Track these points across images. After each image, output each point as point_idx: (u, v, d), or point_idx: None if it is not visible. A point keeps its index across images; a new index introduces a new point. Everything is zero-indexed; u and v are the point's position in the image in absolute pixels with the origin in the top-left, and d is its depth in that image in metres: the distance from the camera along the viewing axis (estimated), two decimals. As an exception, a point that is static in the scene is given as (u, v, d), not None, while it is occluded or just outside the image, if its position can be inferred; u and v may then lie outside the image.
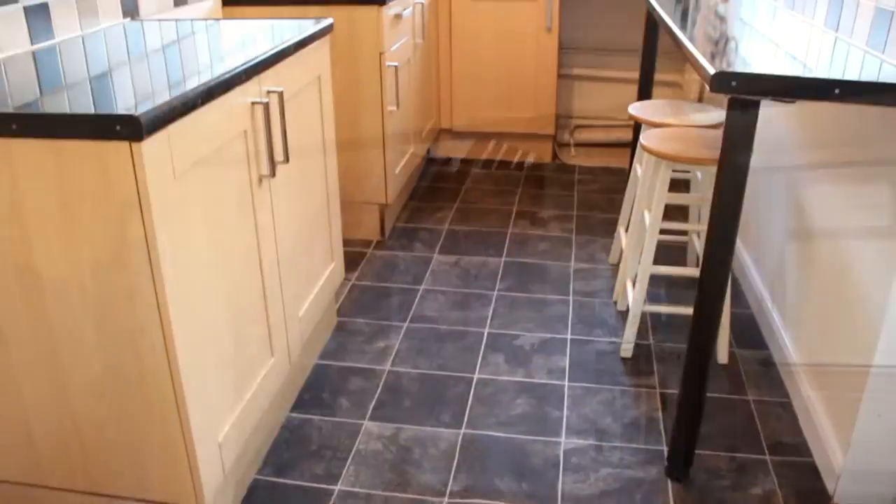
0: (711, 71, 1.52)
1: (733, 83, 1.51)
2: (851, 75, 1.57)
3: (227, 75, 1.56)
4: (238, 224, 1.70)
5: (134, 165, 1.29)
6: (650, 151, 2.24)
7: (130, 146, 1.28)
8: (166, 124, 1.34)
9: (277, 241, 1.93)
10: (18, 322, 1.47)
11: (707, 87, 1.57)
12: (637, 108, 2.69)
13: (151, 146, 1.31)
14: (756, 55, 1.77)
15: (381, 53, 2.88)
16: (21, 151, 1.32)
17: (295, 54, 1.96)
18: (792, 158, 2.38)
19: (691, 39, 1.94)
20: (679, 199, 2.45)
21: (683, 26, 2.22)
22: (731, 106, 1.58)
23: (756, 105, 1.58)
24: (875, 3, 1.84)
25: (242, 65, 1.64)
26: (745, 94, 1.52)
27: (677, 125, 2.53)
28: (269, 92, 1.80)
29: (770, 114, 2.64)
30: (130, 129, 1.26)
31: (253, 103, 1.71)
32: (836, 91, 1.47)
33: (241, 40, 1.93)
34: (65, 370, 1.50)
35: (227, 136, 1.59)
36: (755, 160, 2.81)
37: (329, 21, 2.22)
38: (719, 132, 2.44)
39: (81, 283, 1.41)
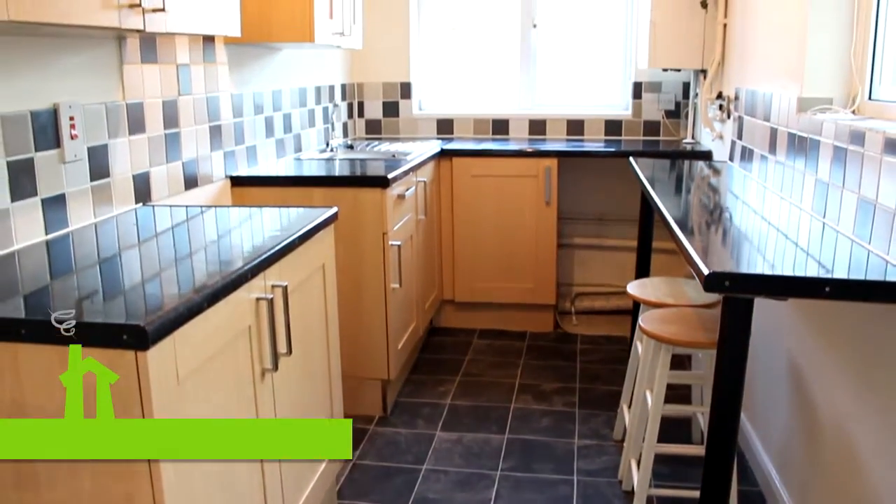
0: (705, 271, 1.56)
1: (726, 283, 1.55)
2: (840, 269, 1.61)
3: (233, 275, 1.60)
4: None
5: (138, 373, 1.31)
6: (649, 335, 2.26)
7: (136, 355, 1.30)
8: (172, 331, 1.36)
9: (278, 432, 1.92)
10: (11, 528, 1.44)
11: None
12: (635, 287, 2.73)
13: (156, 355, 1.33)
14: (750, 233, 1.82)
15: (384, 233, 2.96)
16: (27, 355, 1.35)
17: (300, 246, 2.02)
18: (791, 334, 2.39)
19: (682, 226, 2.00)
20: (681, 377, 2.45)
21: (678, 196, 2.29)
22: (727, 302, 1.61)
23: (750, 300, 1.61)
24: (857, 196, 1.91)
25: (248, 263, 1.68)
26: (738, 293, 1.56)
27: (675, 305, 2.56)
28: (273, 286, 1.83)
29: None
30: (136, 338, 1.29)
31: (258, 299, 1.74)
32: (827, 289, 1.51)
33: (248, 231, 1.98)
34: (55, 578, 1.45)
35: (230, 334, 1.62)
36: (755, 335, 2.84)
37: (334, 210, 2.29)
38: (717, 311, 2.47)
39: (79, 490, 1.39)
